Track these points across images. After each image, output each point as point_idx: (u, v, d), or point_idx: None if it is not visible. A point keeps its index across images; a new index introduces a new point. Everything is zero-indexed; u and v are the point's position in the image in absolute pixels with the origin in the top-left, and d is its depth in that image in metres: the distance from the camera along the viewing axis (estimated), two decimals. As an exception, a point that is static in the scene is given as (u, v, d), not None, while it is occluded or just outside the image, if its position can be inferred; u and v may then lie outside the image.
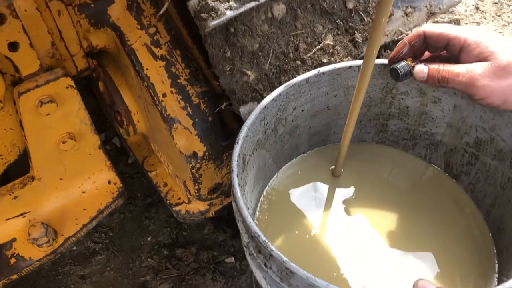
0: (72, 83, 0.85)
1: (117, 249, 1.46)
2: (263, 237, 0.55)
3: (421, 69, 0.67)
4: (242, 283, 1.39)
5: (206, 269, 1.41)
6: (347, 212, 0.77)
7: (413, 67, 0.68)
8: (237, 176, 0.62)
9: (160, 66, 0.90)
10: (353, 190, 0.79)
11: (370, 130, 0.84)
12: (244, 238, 0.60)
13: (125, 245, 1.47)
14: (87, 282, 1.39)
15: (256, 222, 0.71)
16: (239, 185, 0.61)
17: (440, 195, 0.78)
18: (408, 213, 0.76)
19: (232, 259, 1.43)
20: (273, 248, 0.54)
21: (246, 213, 0.57)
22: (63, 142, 0.90)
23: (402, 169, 0.82)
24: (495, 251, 0.71)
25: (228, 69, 0.75)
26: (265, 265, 0.57)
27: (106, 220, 1.51)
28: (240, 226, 0.62)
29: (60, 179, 0.97)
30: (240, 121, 0.97)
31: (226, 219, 1.48)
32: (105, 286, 1.38)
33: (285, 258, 0.53)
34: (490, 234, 0.72)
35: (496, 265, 0.69)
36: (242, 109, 0.77)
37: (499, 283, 0.67)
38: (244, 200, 0.60)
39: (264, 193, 0.78)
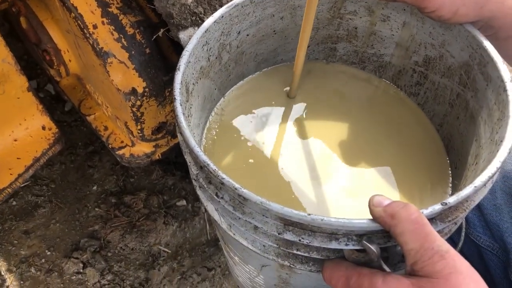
0: (-14, 15, 0.75)
1: (61, 201, 1.40)
2: (212, 166, 0.51)
3: None
4: (195, 224, 1.37)
5: (157, 214, 1.38)
6: (301, 131, 0.74)
7: None
8: (181, 105, 0.57)
9: (87, -6, 0.81)
10: (306, 108, 0.76)
11: (318, 55, 0.81)
12: (193, 170, 0.57)
13: (69, 196, 1.41)
14: (32, 237, 1.33)
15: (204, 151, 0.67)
16: (183, 114, 0.56)
17: (394, 109, 0.77)
18: (364, 128, 0.74)
19: (184, 202, 1.41)
20: (224, 176, 0.51)
21: (193, 142, 0.53)
22: (-16, 85, 0.81)
23: (355, 85, 0.80)
24: (448, 162, 0.71)
25: (163, -10, 0.68)
26: (216, 195, 0.54)
27: (46, 172, 1.43)
28: (187, 158, 0.58)
29: (-14, 126, 0.88)
30: (180, 53, 0.91)
31: (174, 162, 1.44)
32: (52, 239, 1.33)
33: (237, 185, 0.50)
34: (444, 148, 0.72)
35: (450, 178, 0.69)
36: (182, 35, 0.71)
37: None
38: (190, 131, 0.56)
39: (210, 118, 0.73)
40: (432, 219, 0.50)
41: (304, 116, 0.75)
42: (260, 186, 0.67)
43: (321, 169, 0.70)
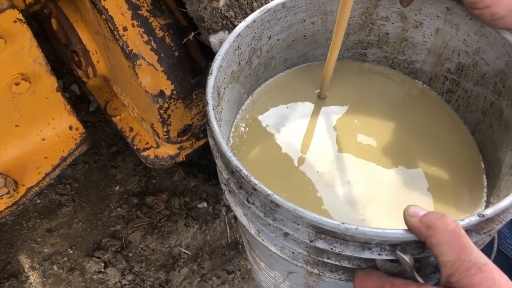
0: (21, 16, 0.76)
1: (84, 200, 1.41)
2: (245, 171, 0.51)
3: None
4: (216, 227, 1.37)
5: (178, 215, 1.39)
6: (330, 131, 0.72)
7: None
8: (213, 110, 0.57)
9: (118, -3, 0.82)
10: (335, 108, 0.74)
11: (347, 61, 0.80)
12: (224, 174, 0.56)
13: (92, 195, 1.42)
14: (55, 235, 1.34)
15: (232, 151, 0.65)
16: (216, 119, 0.56)
17: (427, 111, 0.75)
18: (396, 129, 0.72)
19: (205, 204, 1.41)
20: (256, 182, 0.50)
21: (226, 147, 0.53)
22: (16, 84, 0.82)
23: (387, 85, 0.78)
24: (484, 169, 0.69)
25: (195, -6, 0.68)
26: (247, 200, 0.54)
27: (70, 171, 1.45)
28: (218, 162, 0.58)
29: (16, 126, 0.90)
30: (209, 56, 0.91)
31: (197, 164, 1.44)
32: (74, 238, 1.34)
33: (269, 191, 0.49)
34: (479, 154, 0.70)
35: (485, 183, 0.67)
36: (212, 39, 0.71)
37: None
38: (222, 135, 0.55)
39: (238, 116, 0.73)
40: (467, 230, 0.49)
41: (334, 116, 0.74)
42: (285, 186, 0.66)
43: (349, 169, 0.69)
